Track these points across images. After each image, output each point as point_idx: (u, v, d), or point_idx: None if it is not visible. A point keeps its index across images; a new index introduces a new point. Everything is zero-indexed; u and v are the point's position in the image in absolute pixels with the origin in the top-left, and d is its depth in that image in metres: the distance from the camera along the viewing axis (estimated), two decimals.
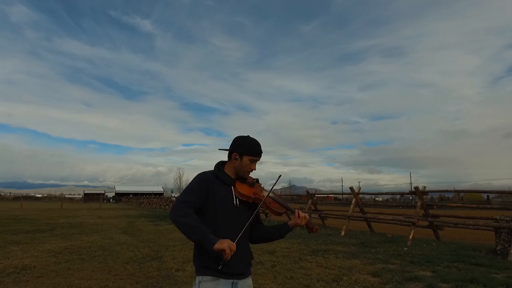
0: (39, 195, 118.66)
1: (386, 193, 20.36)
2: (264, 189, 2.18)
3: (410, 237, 9.42)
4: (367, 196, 68.58)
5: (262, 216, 15.68)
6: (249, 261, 2.10)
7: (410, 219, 10.25)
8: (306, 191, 16.05)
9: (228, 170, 2.10)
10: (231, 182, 2.06)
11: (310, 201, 15.01)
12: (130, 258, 7.45)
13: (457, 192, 19.63)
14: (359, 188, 13.14)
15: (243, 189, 2.05)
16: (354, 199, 12.67)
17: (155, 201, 44.72)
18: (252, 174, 2.16)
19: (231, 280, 1.97)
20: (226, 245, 1.77)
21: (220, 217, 1.97)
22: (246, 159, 2.04)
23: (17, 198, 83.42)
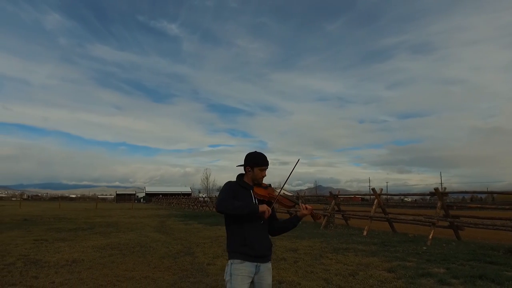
0: (73, 196, 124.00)
1: (408, 194, 20.41)
2: (276, 190, 2.87)
3: (430, 237, 9.72)
4: (395, 197, 67.76)
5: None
6: (269, 247, 2.74)
7: (430, 220, 10.52)
8: (330, 192, 16.44)
9: (246, 180, 2.82)
10: (250, 187, 2.77)
11: (333, 201, 15.39)
12: (166, 254, 8.22)
13: (490, 193, 19.38)
14: (381, 189, 13.43)
15: (259, 191, 2.76)
16: (376, 200, 12.99)
17: (183, 201, 46.08)
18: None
19: (255, 263, 2.61)
20: (265, 208, 2.57)
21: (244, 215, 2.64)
22: (256, 169, 2.76)
23: (54, 199, 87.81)
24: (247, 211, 2.54)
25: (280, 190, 2.85)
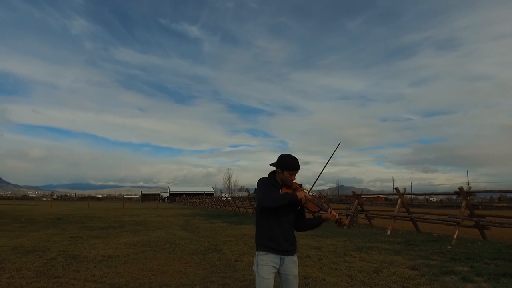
0: (100, 196, 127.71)
1: (432, 193, 19.99)
2: (305, 193, 2.98)
3: (455, 236, 9.71)
4: (420, 197, 66.34)
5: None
6: (293, 242, 2.95)
7: (454, 219, 10.48)
8: (352, 191, 16.49)
9: (277, 178, 3.00)
10: (279, 186, 2.95)
11: (356, 201, 15.45)
12: (194, 250, 8.60)
13: None
14: (404, 189, 13.40)
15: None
16: (399, 199, 12.99)
17: (206, 201, 46.79)
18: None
19: (279, 256, 2.85)
20: (303, 194, 2.80)
21: (271, 212, 2.86)
22: (286, 173, 2.90)
23: (82, 199, 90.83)
24: (289, 200, 2.76)
25: (307, 194, 2.94)
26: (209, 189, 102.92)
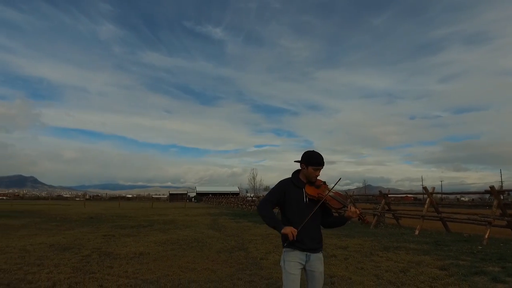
0: (130, 196, 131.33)
1: (462, 192, 19.45)
2: (328, 189, 3.06)
3: (486, 236, 9.43)
4: (451, 196, 64.32)
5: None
6: (318, 240, 3.01)
7: (485, 219, 10.17)
8: (379, 191, 16.26)
9: (301, 176, 3.05)
10: (302, 185, 3.00)
11: (383, 201, 15.24)
12: (221, 249, 8.79)
13: None
14: (433, 188, 13.11)
15: (310, 190, 2.98)
16: (428, 199, 12.72)
17: (232, 201, 47.19)
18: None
19: (305, 253, 2.93)
20: (288, 230, 2.76)
21: (294, 211, 2.95)
22: (310, 168, 2.96)
23: (113, 198, 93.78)
24: (271, 226, 2.88)
25: (329, 192, 3.01)
26: (234, 189, 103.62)
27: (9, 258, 7.24)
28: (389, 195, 15.96)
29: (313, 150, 3.03)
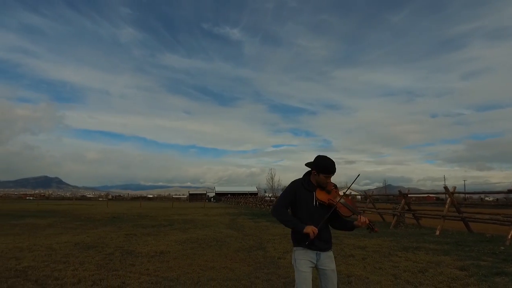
0: (151, 196, 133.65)
1: (485, 192, 18.91)
2: (339, 195, 3.07)
3: (509, 237, 9.20)
4: (475, 196, 62.53)
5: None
6: (328, 240, 3.06)
7: (509, 219, 9.92)
8: (399, 191, 16.04)
9: (312, 179, 3.08)
10: (313, 189, 3.03)
11: (403, 201, 15.03)
12: (239, 248, 8.92)
13: None
14: (454, 187, 12.85)
15: (320, 195, 3.00)
16: (449, 199, 12.49)
17: (251, 201, 47.39)
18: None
19: (316, 251, 2.99)
20: (310, 229, 2.83)
21: (304, 213, 3.00)
22: (322, 175, 2.98)
23: (134, 199, 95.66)
24: (291, 227, 2.94)
25: (340, 198, 3.01)
26: (253, 189, 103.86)
27: (36, 256, 7.56)
28: (410, 195, 15.74)
29: (325, 157, 3.02)
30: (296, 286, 2.96)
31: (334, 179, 3.10)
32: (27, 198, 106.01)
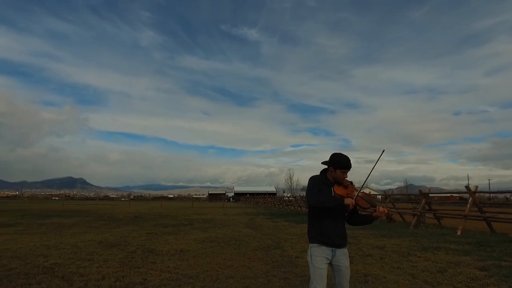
0: (171, 196, 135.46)
1: (509, 191, 18.34)
2: (356, 189, 3.18)
3: None
4: (500, 195, 60.51)
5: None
6: (344, 237, 3.15)
7: None
8: (419, 190, 15.79)
9: (329, 176, 3.20)
10: (331, 184, 3.16)
11: (423, 200, 14.80)
12: (257, 247, 9.03)
13: None
14: (476, 187, 12.57)
15: (338, 190, 3.11)
16: (470, 198, 12.23)
17: (269, 201, 47.49)
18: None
19: (331, 248, 3.08)
20: (349, 201, 2.92)
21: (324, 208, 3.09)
22: (338, 171, 3.10)
23: (156, 199, 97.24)
24: (333, 204, 2.97)
25: (358, 192, 3.11)
26: (271, 189, 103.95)
27: (62, 254, 7.88)
28: (432, 195, 15.47)
29: (341, 153, 3.15)
30: (311, 282, 3.05)
31: (354, 177, 3.21)
32: (53, 198, 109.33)
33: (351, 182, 3.23)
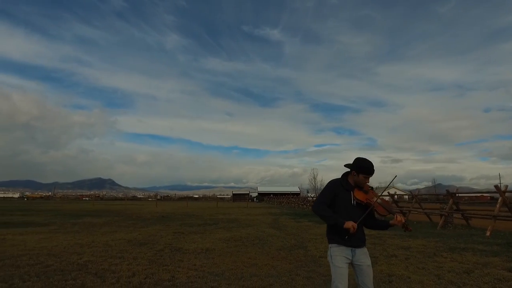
0: (196, 196, 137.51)
1: None
2: (376, 195, 3.24)
3: None
4: None
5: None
6: (363, 239, 3.22)
7: None
8: (446, 190, 15.42)
9: (350, 180, 3.26)
10: (351, 188, 3.22)
11: (451, 200, 14.45)
12: (281, 246, 9.15)
13: None
14: (506, 186, 12.18)
15: (358, 195, 3.18)
16: (500, 198, 11.87)
17: (293, 201, 47.34)
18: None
19: (351, 248, 3.15)
20: (350, 225, 3.00)
21: (342, 211, 3.16)
22: (361, 176, 3.16)
23: (181, 199, 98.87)
24: (332, 223, 3.06)
25: (377, 198, 3.18)
26: (295, 189, 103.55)
27: (95, 252, 8.27)
28: (461, 195, 15.09)
29: (365, 159, 3.21)
30: (333, 281, 3.13)
31: (379, 177, 3.27)
32: (84, 198, 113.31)
33: (372, 188, 3.30)
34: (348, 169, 3.30)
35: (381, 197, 3.25)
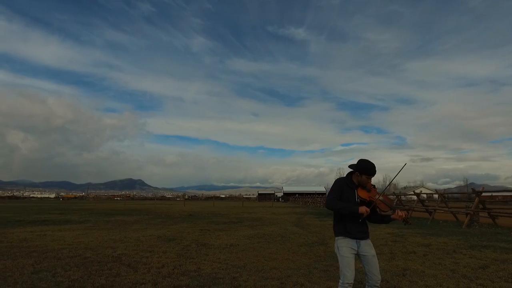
0: (223, 196, 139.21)
1: None
2: (378, 193, 3.55)
3: None
4: None
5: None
6: (366, 231, 3.53)
7: None
8: (472, 188, 15.20)
9: (354, 179, 3.57)
10: (355, 187, 3.53)
11: (477, 199, 14.25)
12: (302, 243, 9.48)
13: None
14: None
15: (362, 193, 3.49)
16: None
17: (318, 200, 47.20)
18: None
19: (355, 240, 3.47)
20: (364, 209, 3.30)
21: None
22: (364, 177, 3.47)
23: (208, 198, 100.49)
24: (348, 211, 3.36)
25: (379, 196, 3.47)
26: (321, 188, 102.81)
27: (127, 246, 8.90)
28: (496, 194, 14.84)
29: (368, 160, 3.51)
30: (341, 270, 3.47)
31: (408, 177, 3.57)
32: (115, 198, 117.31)
33: (374, 186, 3.61)
34: (352, 170, 3.60)
35: (383, 195, 3.56)
